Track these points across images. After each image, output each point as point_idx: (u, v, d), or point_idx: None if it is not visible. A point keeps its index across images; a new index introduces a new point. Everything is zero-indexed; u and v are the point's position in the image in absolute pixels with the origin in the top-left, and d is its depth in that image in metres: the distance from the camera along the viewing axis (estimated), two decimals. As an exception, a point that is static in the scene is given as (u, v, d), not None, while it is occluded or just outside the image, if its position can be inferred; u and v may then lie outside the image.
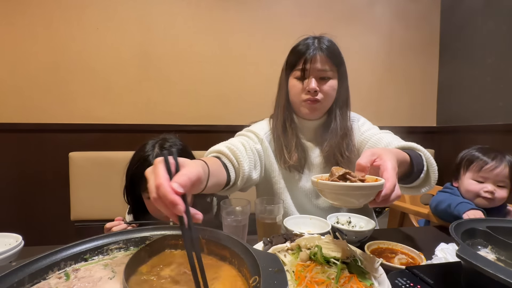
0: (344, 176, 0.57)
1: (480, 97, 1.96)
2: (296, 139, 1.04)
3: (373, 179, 0.57)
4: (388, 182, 0.54)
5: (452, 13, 2.17)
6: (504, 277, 0.40)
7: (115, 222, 0.86)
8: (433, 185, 0.84)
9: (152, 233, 0.57)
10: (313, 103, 0.98)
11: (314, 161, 1.05)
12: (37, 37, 1.77)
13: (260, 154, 1.00)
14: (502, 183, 1.09)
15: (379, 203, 0.55)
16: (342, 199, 0.55)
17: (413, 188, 0.86)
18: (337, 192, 0.54)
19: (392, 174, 0.55)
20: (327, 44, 0.97)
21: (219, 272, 0.48)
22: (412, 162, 0.75)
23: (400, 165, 0.66)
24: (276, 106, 1.09)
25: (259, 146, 1.01)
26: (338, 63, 0.99)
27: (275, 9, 2.03)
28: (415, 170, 0.76)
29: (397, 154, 0.68)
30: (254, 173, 0.94)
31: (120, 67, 1.84)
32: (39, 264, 0.45)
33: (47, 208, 1.82)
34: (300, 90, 0.99)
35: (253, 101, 2.00)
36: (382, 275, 0.54)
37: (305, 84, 0.97)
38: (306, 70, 0.96)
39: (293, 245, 0.61)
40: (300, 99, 0.99)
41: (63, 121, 1.82)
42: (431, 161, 0.82)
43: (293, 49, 1.01)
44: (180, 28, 1.90)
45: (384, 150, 0.62)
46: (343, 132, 1.01)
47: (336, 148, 1.00)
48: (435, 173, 0.82)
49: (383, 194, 0.53)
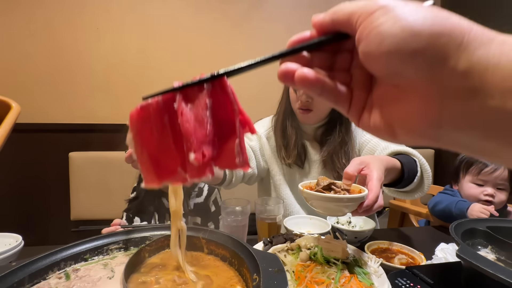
0: (329, 186, 0.59)
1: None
2: (296, 137, 1.05)
3: (358, 188, 0.60)
4: (371, 193, 0.55)
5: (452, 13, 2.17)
6: (504, 277, 0.40)
7: (111, 228, 0.87)
8: (426, 191, 0.83)
9: (152, 233, 0.57)
10: (305, 113, 0.99)
11: (314, 157, 1.06)
12: (37, 37, 1.77)
13: (254, 150, 1.06)
14: (501, 185, 1.09)
15: (361, 214, 0.57)
16: (326, 209, 0.58)
17: (406, 193, 0.86)
18: (320, 203, 0.57)
19: (376, 184, 0.57)
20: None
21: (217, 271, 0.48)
22: (403, 169, 0.76)
23: (389, 172, 0.69)
24: (279, 107, 1.11)
25: (253, 143, 1.07)
26: None
27: (275, 9, 2.03)
28: (405, 176, 0.76)
29: (387, 162, 0.69)
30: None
31: (120, 67, 1.84)
32: (39, 264, 0.45)
33: (47, 208, 1.82)
34: (295, 98, 1.00)
35: (253, 101, 1.99)
36: (382, 275, 0.54)
37: (298, 94, 0.98)
38: None
39: (293, 245, 0.61)
40: (295, 107, 1.01)
41: (63, 121, 1.82)
42: (425, 167, 0.82)
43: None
44: (180, 28, 1.90)
45: (373, 159, 0.63)
46: (342, 138, 1.01)
47: (334, 154, 1.01)
48: (429, 179, 0.82)
49: (364, 205, 0.55)
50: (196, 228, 0.56)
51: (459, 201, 1.04)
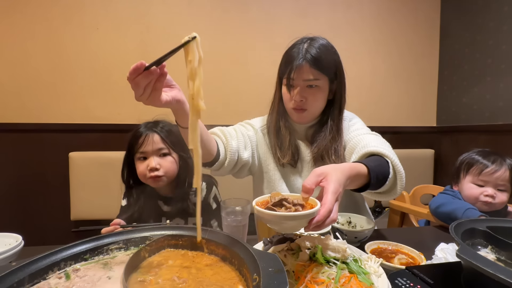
0: (281, 202, 0.57)
1: (480, 97, 1.96)
2: (290, 137, 1.06)
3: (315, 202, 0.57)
4: (323, 208, 0.53)
5: (453, 13, 2.17)
6: (504, 277, 0.40)
7: (111, 227, 0.87)
8: (399, 193, 0.83)
9: (152, 233, 0.57)
10: (299, 112, 1.00)
11: (306, 158, 1.07)
12: (37, 37, 1.77)
13: (251, 140, 1.06)
14: (502, 186, 1.08)
15: (312, 229, 0.55)
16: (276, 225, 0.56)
17: (380, 194, 0.85)
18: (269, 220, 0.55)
19: (330, 198, 0.55)
20: (315, 52, 0.94)
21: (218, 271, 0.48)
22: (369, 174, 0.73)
23: (353, 180, 0.67)
24: (271, 106, 1.11)
25: (251, 133, 1.08)
26: (326, 70, 0.96)
27: (275, 9, 2.03)
28: (372, 181, 0.73)
29: (350, 170, 0.66)
30: (245, 153, 1.01)
31: (120, 67, 1.84)
32: (39, 264, 0.45)
33: (47, 208, 1.82)
34: (288, 98, 1.01)
35: (253, 101, 1.99)
36: (382, 275, 0.54)
37: (291, 94, 0.99)
38: (292, 80, 0.96)
39: (293, 245, 0.61)
40: (289, 106, 1.02)
41: (63, 121, 1.82)
42: (398, 168, 0.81)
43: (285, 54, 1.01)
44: (180, 28, 1.90)
45: (333, 169, 0.62)
46: (332, 136, 1.02)
47: (324, 151, 1.01)
48: (402, 180, 0.81)
49: (314, 221, 0.53)
50: (196, 228, 0.56)
51: (468, 208, 1.00)
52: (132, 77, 0.57)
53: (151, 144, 1.03)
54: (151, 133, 1.05)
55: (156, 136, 1.05)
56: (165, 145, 1.05)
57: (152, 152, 1.03)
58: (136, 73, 0.57)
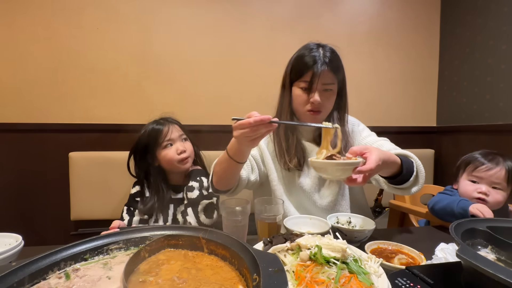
0: (331, 157, 0.77)
1: (480, 97, 1.96)
2: (297, 143, 1.07)
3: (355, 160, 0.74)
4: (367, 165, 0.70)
5: (453, 13, 2.17)
6: (504, 277, 0.40)
7: (110, 231, 0.88)
8: (421, 186, 0.93)
9: (152, 233, 0.57)
10: (315, 114, 1.01)
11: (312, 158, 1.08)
12: (37, 37, 1.77)
13: (256, 159, 1.09)
14: (497, 185, 1.07)
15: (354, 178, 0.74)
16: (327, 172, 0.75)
17: (403, 189, 0.94)
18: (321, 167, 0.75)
19: (372, 160, 0.71)
20: (331, 57, 0.99)
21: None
22: (402, 165, 0.86)
23: (389, 165, 0.82)
24: (278, 110, 1.11)
25: (254, 152, 1.10)
26: (339, 75, 1.02)
27: (275, 9, 2.02)
28: (404, 172, 0.87)
29: (389, 156, 0.81)
30: (252, 176, 1.05)
31: (120, 67, 1.84)
32: (39, 264, 0.45)
33: (47, 208, 1.82)
34: (304, 101, 1.01)
35: (253, 101, 1.99)
36: (382, 275, 0.54)
37: (310, 97, 0.99)
38: (313, 84, 0.97)
39: (293, 245, 0.61)
40: (304, 109, 1.02)
41: (63, 121, 1.82)
42: (420, 168, 0.93)
43: (300, 58, 1.01)
44: (180, 28, 1.89)
45: (376, 148, 0.77)
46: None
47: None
48: (423, 178, 0.93)
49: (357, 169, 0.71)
50: (196, 228, 0.57)
51: (461, 200, 1.04)
52: (255, 123, 0.71)
53: (175, 132, 1.22)
54: (171, 123, 1.24)
55: (175, 125, 1.25)
56: (183, 131, 1.25)
57: (176, 138, 1.21)
58: (261, 122, 0.71)
